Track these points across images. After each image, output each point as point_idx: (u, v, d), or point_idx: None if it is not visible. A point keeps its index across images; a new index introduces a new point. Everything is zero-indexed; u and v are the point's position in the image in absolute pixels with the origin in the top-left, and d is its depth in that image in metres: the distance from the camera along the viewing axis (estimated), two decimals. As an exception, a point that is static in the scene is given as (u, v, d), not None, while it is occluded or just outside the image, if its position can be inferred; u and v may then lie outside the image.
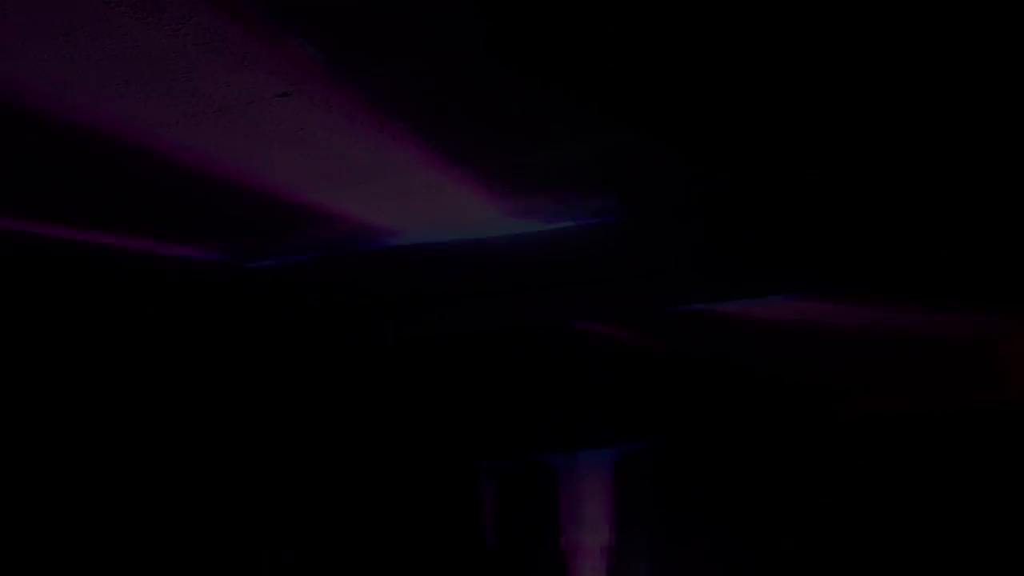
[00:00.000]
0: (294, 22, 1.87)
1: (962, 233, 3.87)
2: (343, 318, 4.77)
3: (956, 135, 2.74)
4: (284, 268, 3.89)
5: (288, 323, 4.69)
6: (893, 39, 2.06)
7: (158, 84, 2.10)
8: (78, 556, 3.71)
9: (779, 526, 7.24)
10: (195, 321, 4.30)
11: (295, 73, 2.08)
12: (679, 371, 6.97)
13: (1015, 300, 5.09)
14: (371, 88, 2.20)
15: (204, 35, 1.87)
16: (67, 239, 3.29)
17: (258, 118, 2.32)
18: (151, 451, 4.04)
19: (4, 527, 3.50)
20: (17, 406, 3.61)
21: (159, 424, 4.10)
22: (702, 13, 1.90)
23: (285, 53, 1.99)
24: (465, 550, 5.47)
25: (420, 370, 5.33)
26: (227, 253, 3.64)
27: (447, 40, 1.98)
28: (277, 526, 4.51)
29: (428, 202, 3.14)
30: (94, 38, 1.87)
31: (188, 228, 3.30)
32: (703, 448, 7.20)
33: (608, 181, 3.03)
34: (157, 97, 2.18)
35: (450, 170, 2.81)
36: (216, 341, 4.38)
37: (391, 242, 3.60)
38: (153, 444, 4.06)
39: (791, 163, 2.94)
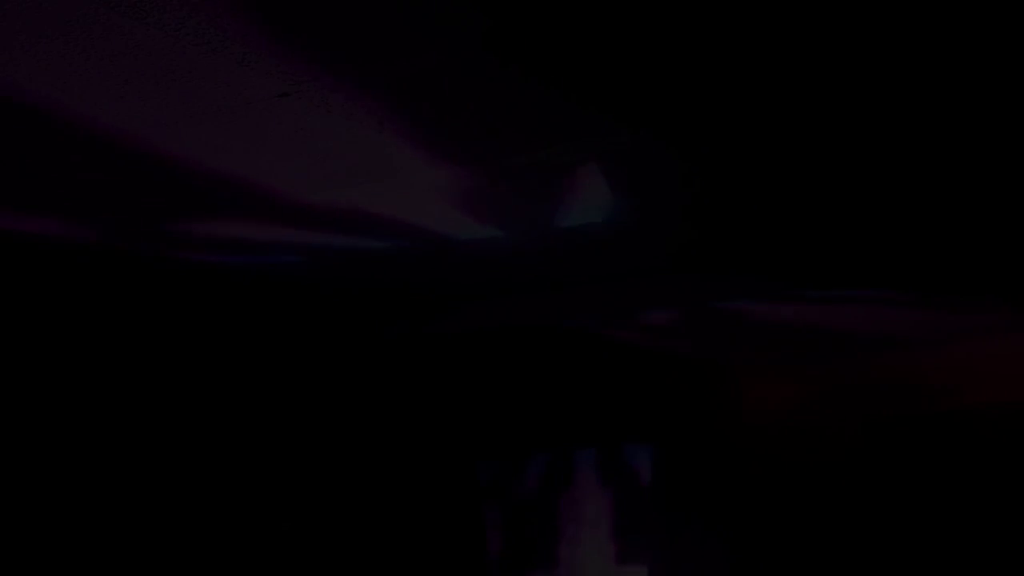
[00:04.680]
0: (294, 22, 1.86)
1: (960, 231, 3.86)
2: (341, 318, 4.78)
3: (953, 134, 2.74)
4: (283, 268, 3.89)
5: (287, 323, 4.69)
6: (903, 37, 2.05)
7: (158, 84, 2.10)
8: (77, 556, 3.71)
9: (779, 525, 7.25)
10: (194, 321, 4.30)
11: (295, 73, 2.08)
12: (679, 370, 6.98)
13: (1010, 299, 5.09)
14: (371, 88, 2.20)
15: (204, 35, 1.87)
16: (66, 239, 3.29)
17: (258, 118, 2.32)
18: (149, 449, 4.04)
19: (4, 527, 3.50)
20: (17, 407, 3.61)
21: (158, 423, 4.10)
22: (705, 11, 1.89)
23: (285, 53, 1.98)
24: (464, 550, 5.47)
25: (420, 369, 5.33)
26: (226, 253, 3.64)
27: (447, 40, 1.97)
28: (276, 525, 4.51)
29: (427, 202, 3.14)
30: (93, 38, 1.86)
31: (186, 228, 3.29)
32: (704, 447, 7.20)
33: (609, 181, 3.02)
34: (156, 97, 2.17)
35: (450, 170, 2.81)
36: (215, 341, 4.38)
37: (390, 243, 3.60)
38: (151, 442, 4.06)
39: (794, 165, 2.94)
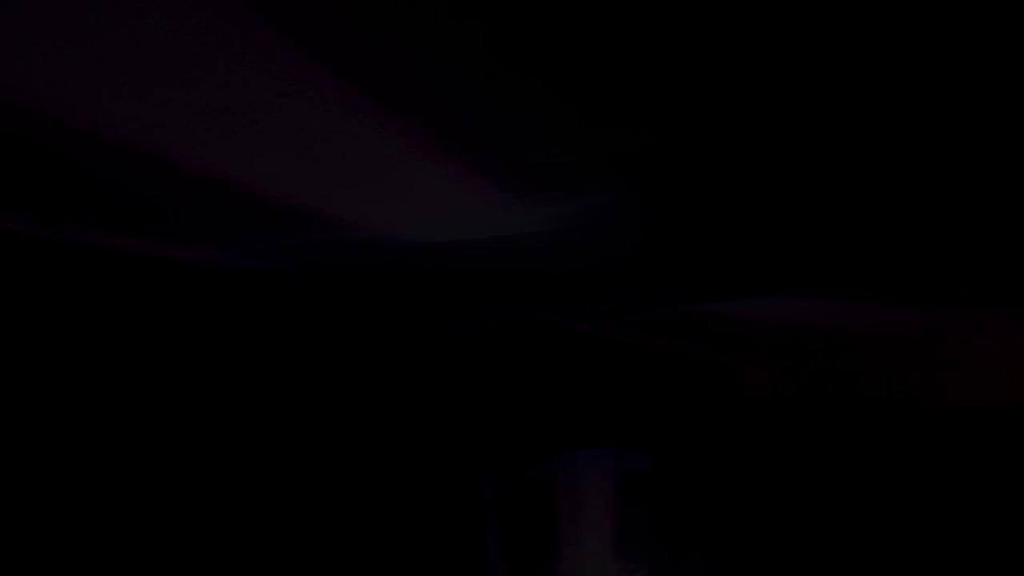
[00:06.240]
0: (294, 22, 1.86)
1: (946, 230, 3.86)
2: (340, 319, 4.77)
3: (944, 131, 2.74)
4: (282, 270, 3.89)
5: (285, 325, 4.68)
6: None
7: (157, 84, 2.09)
8: (78, 556, 3.71)
9: (780, 525, 7.25)
10: (193, 322, 4.30)
11: (295, 73, 2.08)
12: (680, 370, 6.97)
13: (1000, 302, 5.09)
14: (371, 88, 2.19)
15: (204, 35, 1.86)
16: (66, 240, 3.29)
17: (258, 118, 2.32)
18: (151, 451, 4.04)
19: (4, 528, 3.50)
20: (17, 408, 3.61)
21: (159, 424, 4.10)
22: (705, 13, 1.89)
23: (285, 53, 1.98)
24: (466, 551, 5.47)
25: (421, 371, 5.33)
26: (225, 255, 3.63)
27: (447, 39, 1.97)
28: (276, 527, 4.51)
29: (427, 202, 3.14)
30: (93, 38, 1.86)
31: (185, 229, 3.29)
32: (705, 447, 7.20)
33: (610, 181, 3.02)
34: (156, 97, 2.17)
35: (451, 170, 2.81)
36: (214, 343, 4.38)
37: (390, 243, 3.60)
38: (153, 444, 4.06)
39: (796, 168, 2.94)
